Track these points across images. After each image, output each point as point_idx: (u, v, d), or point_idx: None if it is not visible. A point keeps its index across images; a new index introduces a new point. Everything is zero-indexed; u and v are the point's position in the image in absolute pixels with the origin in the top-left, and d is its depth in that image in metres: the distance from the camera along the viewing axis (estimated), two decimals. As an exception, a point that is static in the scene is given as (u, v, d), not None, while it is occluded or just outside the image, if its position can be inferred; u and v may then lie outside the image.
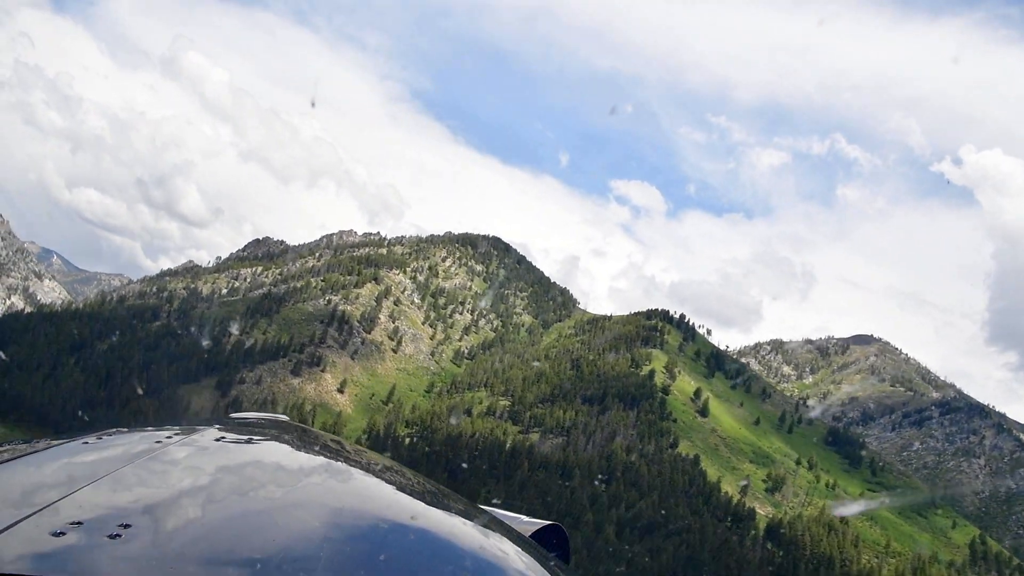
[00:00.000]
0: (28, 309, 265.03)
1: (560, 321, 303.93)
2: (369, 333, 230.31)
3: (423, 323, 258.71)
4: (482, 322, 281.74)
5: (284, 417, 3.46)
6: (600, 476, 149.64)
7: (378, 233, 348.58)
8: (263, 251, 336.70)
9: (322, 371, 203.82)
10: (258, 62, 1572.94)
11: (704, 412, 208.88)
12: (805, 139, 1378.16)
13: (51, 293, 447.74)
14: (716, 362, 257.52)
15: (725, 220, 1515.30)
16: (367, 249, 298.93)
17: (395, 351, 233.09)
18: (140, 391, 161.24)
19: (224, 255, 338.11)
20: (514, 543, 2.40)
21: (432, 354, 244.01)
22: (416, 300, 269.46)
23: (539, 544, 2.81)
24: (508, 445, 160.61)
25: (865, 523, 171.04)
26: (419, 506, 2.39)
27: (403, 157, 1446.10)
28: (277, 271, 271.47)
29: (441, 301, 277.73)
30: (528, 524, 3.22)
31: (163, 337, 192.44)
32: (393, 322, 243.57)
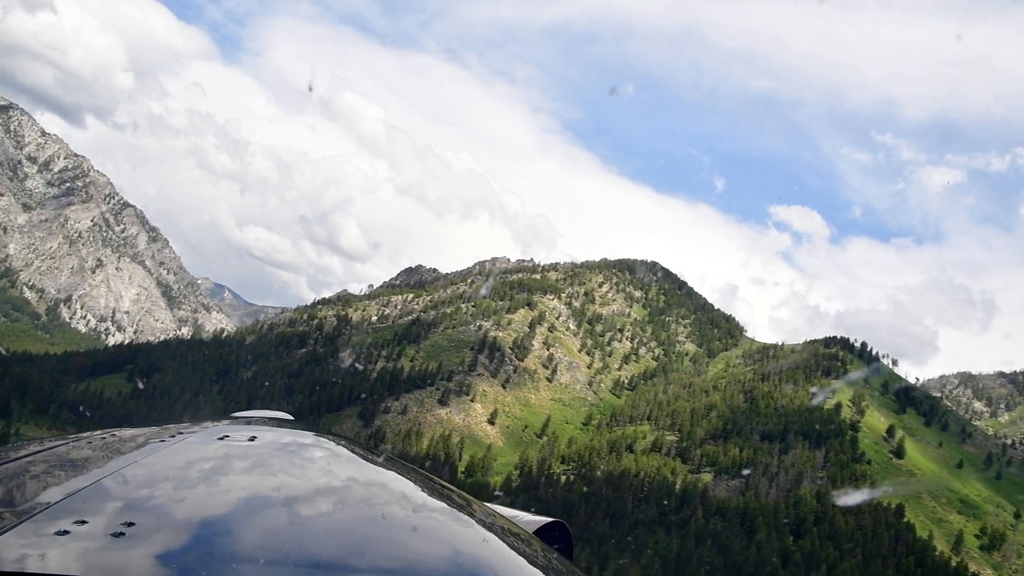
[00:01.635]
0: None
1: (727, 350, 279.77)
2: (522, 361, 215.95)
3: (579, 351, 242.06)
4: (642, 350, 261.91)
5: (287, 415, 3.47)
6: (788, 526, 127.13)
7: (531, 259, 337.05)
8: (415, 279, 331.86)
9: (471, 400, 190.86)
10: (411, 100, 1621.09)
11: (899, 453, 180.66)
12: (982, 156, 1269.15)
13: (218, 325, 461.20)
14: (906, 396, 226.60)
15: (892, 246, 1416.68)
16: (520, 275, 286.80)
17: (550, 380, 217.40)
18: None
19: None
20: (517, 539, 2.39)
21: (589, 384, 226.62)
22: (572, 327, 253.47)
23: (542, 541, 2.78)
24: (678, 487, 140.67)
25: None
26: (422, 502, 2.38)
27: (555, 188, 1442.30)
28: (428, 297, 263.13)
29: (598, 328, 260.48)
30: (531, 521, 3.19)
31: (307, 364, 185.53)
32: (547, 349, 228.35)
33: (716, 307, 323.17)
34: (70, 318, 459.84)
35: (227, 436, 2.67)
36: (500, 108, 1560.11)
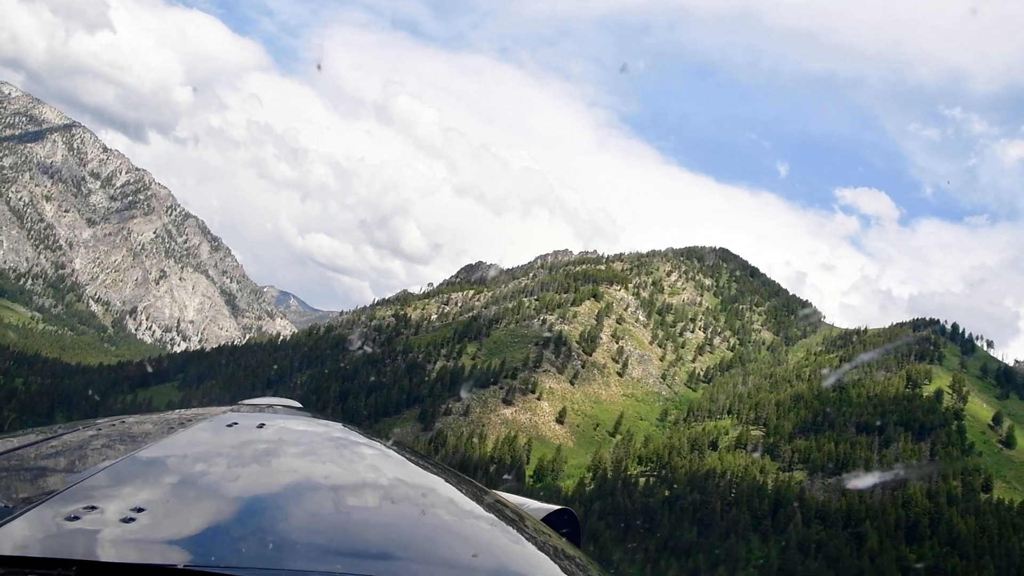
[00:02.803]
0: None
1: (805, 337, 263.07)
2: (590, 355, 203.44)
3: (650, 343, 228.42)
4: (717, 340, 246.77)
5: (295, 403, 3.50)
6: (901, 530, 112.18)
7: (595, 251, 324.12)
8: (475, 276, 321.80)
9: (538, 399, 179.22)
10: (466, 101, 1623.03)
11: (1009, 443, 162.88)
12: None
13: (282, 331, 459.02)
14: (1007, 379, 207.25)
15: (966, 225, 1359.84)
16: (584, 266, 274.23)
17: (620, 374, 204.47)
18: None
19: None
20: (525, 526, 2.39)
21: (663, 377, 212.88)
22: (641, 318, 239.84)
23: (551, 527, 2.78)
24: (769, 487, 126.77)
25: None
26: (429, 488, 2.38)
27: (614, 182, 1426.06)
28: (488, 293, 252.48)
29: (669, 318, 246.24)
30: (538, 508, 3.18)
31: (363, 366, 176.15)
32: (617, 342, 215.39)
33: (791, 292, 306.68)
34: (136, 329, 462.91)
35: (236, 423, 2.67)
36: (555, 105, 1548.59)
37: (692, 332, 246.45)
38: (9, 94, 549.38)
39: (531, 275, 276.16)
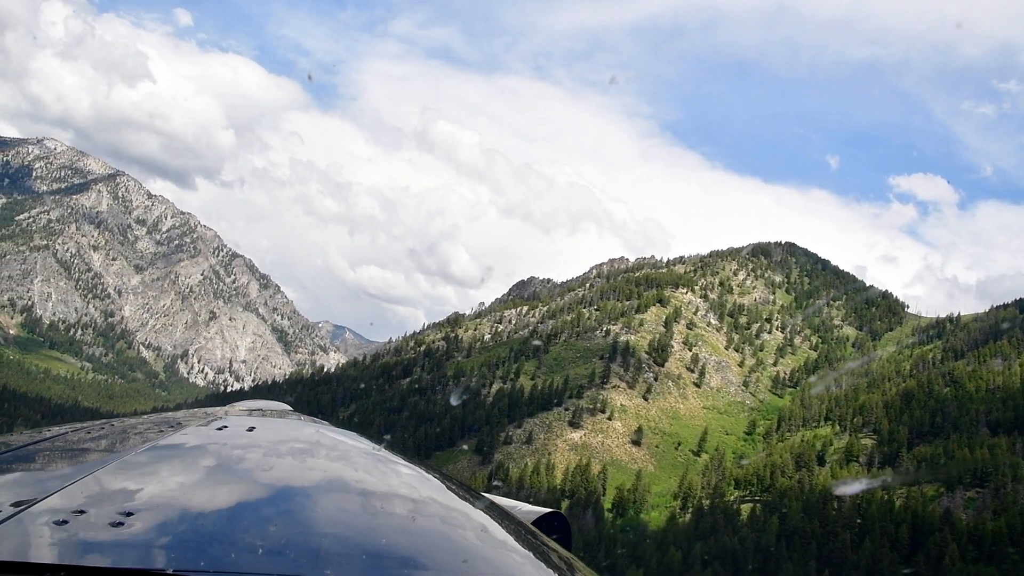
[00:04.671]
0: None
1: (891, 330, 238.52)
2: (662, 365, 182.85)
3: (726, 348, 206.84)
4: (797, 340, 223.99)
5: (286, 406, 3.49)
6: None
7: (652, 256, 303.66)
8: (528, 292, 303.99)
9: (609, 418, 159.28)
10: (505, 122, 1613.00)
11: None
12: None
13: (337, 365, 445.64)
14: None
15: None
16: (644, 271, 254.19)
17: (698, 385, 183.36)
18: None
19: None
20: (515, 529, 2.37)
21: (744, 385, 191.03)
22: (713, 321, 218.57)
23: (541, 531, 2.76)
24: (899, 506, 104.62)
25: None
26: (419, 492, 2.35)
27: (661, 191, 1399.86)
28: (543, 308, 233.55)
29: (742, 320, 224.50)
30: (529, 512, 3.15)
31: (411, 395, 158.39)
32: (690, 350, 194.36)
33: (868, 283, 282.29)
34: (188, 373, 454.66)
35: (226, 426, 2.66)
36: (595, 119, 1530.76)
37: (769, 333, 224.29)
38: (55, 149, 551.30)
39: (587, 285, 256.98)
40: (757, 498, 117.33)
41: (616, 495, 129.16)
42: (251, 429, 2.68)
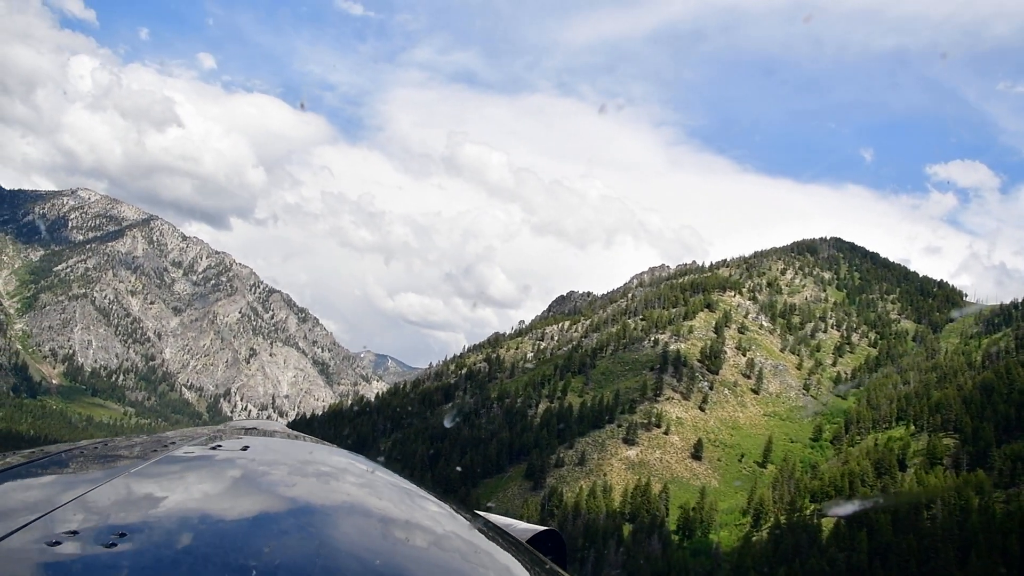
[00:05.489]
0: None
1: (952, 321, 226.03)
2: (716, 373, 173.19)
3: (781, 350, 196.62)
4: (854, 337, 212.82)
5: (281, 424, 3.49)
6: None
7: (693, 262, 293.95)
8: (568, 307, 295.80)
9: (665, 433, 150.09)
10: (532, 141, 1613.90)
11: None
12: None
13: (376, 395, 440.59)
14: None
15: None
16: (687, 277, 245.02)
17: (756, 391, 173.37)
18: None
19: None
20: (510, 548, 2.35)
21: (805, 388, 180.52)
22: (764, 323, 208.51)
23: (536, 550, 2.75)
24: (999, 513, 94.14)
25: None
26: (414, 511, 2.34)
27: (694, 198, 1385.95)
28: (586, 321, 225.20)
29: (795, 320, 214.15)
30: (524, 530, 3.14)
31: (454, 421, 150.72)
32: (744, 355, 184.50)
33: (920, 274, 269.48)
34: (231, 411, 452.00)
35: (220, 446, 2.64)
36: (622, 131, 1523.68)
37: (824, 332, 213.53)
38: (88, 198, 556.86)
39: (630, 295, 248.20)
40: (835, 510, 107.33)
41: (681, 515, 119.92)
42: (245, 448, 2.65)
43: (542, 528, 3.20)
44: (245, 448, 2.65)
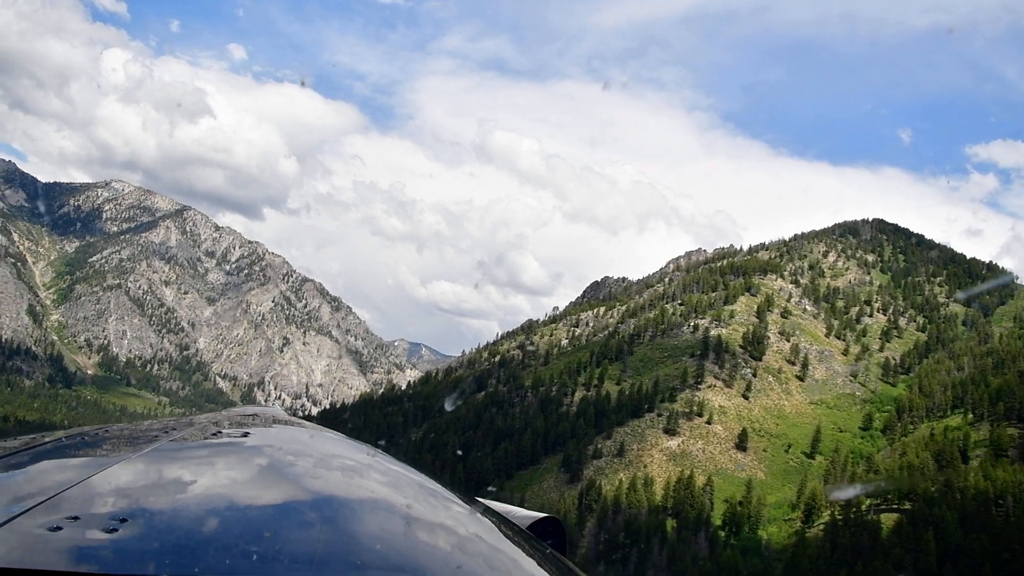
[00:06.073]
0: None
1: (1002, 304, 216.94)
2: (760, 359, 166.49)
3: (826, 335, 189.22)
4: (902, 321, 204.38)
5: (281, 411, 3.51)
6: None
7: (731, 245, 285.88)
8: (603, 292, 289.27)
9: (707, 422, 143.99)
10: (563, 127, 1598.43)
11: None
12: None
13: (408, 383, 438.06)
14: None
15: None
16: (726, 260, 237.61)
17: (801, 378, 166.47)
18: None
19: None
20: (510, 534, 2.36)
21: (853, 374, 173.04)
22: (808, 307, 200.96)
23: (536, 536, 2.76)
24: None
25: None
26: (414, 498, 2.34)
27: (727, 183, 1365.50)
28: (622, 307, 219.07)
29: (839, 304, 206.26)
30: (524, 517, 3.14)
31: (486, 410, 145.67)
32: (787, 340, 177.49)
33: (967, 256, 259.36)
34: (265, 400, 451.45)
35: (220, 432, 2.64)
36: (654, 116, 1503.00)
37: (870, 316, 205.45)
38: (122, 190, 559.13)
39: (666, 280, 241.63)
40: (895, 506, 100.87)
41: (726, 510, 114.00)
42: (245, 435, 2.66)
43: (542, 515, 3.14)
44: (245, 434, 2.67)
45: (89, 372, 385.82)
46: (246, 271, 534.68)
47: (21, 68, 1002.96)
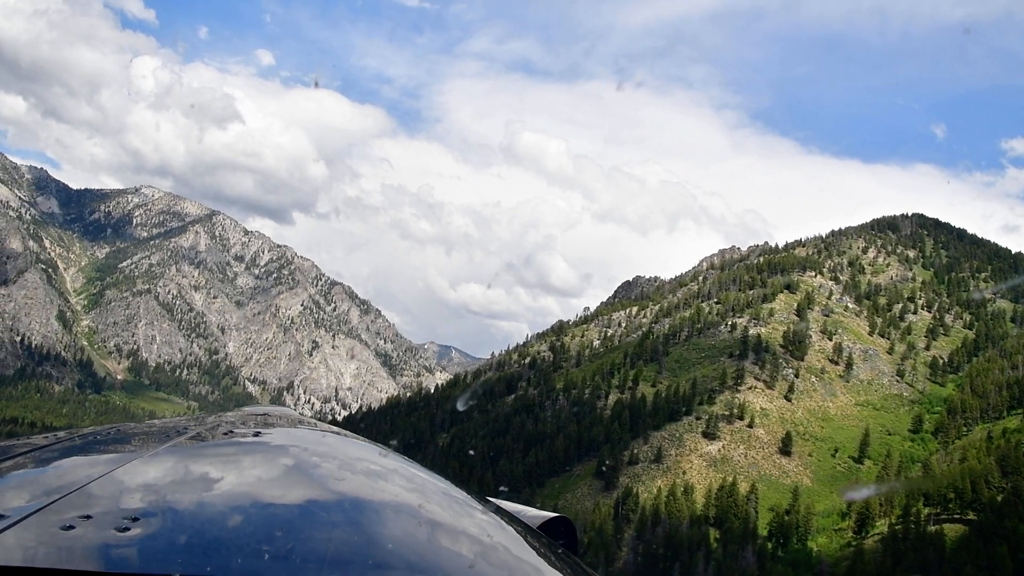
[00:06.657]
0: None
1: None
2: (801, 359, 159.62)
3: (870, 334, 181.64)
4: (948, 319, 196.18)
5: (292, 411, 3.53)
6: None
7: (765, 243, 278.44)
8: (635, 292, 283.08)
9: (749, 426, 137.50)
10: (591, 128, 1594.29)
11: None
12: None
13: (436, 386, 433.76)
14: None
15: None
16: (762, 258, 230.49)
17: (845, 379, 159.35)
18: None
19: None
20: (521, 533, 2.36)
21: (899, 374, 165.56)
22: (850, 305, 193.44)
23: (546, 535, 2.76)
24: None
25: None
26: (426, 497, 2.35)
27: (757, 181, 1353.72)
28: (655, 306, 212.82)
29: (881, 301, 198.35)
30: (535, 516, 3.15)
31: (517, 414, 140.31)
32: (830, 339, 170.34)
33: (1013, 251, 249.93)
34: (294, 404, 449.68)
35: (231, 432, 2.65)
36: (682, 115, 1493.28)
37: (914, 314, 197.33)
38: (152, 196, 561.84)
39: (700, 278, 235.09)
40: (956, 516, 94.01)
41: (772, 519, 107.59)
42: (257, 434, 2.68)
43: (553, 515, 3.12)
44: (257, 434, 2.68)
45: (119, 377, 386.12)
46: (275, 275, 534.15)
47: (53, 76, 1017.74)
